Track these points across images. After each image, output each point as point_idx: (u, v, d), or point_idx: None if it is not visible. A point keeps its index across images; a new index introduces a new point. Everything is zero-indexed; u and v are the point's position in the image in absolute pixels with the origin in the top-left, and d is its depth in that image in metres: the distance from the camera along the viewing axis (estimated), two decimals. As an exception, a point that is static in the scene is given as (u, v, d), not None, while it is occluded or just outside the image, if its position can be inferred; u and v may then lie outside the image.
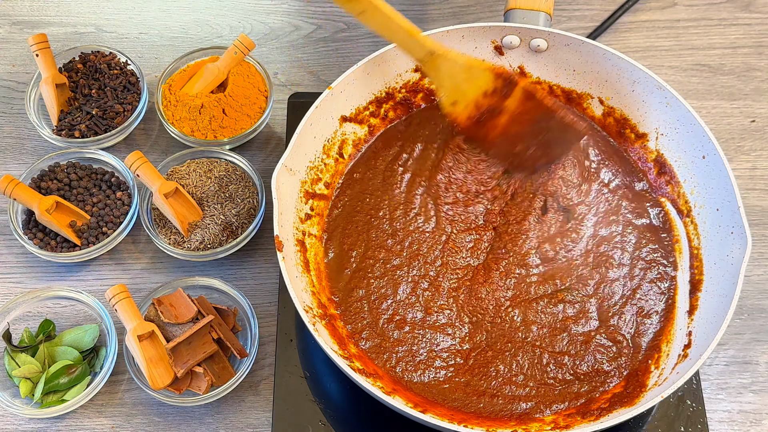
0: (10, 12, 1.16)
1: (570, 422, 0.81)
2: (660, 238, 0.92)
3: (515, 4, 0.98)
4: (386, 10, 0.84)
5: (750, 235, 0.81)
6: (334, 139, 0.95)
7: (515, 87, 0.86)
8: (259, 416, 0.89)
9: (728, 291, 0.81)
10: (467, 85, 0.87)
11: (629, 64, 0.93)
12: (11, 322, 0.90)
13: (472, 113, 0.89)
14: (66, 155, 1.00)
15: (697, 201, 0.90)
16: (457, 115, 0.90)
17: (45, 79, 1.02)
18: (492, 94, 0.87)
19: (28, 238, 0.95)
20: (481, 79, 0.87)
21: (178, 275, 0.96)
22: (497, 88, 0.87)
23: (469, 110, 0.89)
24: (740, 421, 0.89)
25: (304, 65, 1.13)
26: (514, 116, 0.88)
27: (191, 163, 0.99)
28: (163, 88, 1.03)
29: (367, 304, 0.88)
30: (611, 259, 0.90)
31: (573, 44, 0.96)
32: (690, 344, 0.83)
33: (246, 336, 0.90)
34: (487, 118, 0.88)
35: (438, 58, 0.87)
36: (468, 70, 0.86)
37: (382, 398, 0.75)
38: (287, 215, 0.87)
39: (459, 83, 0.87)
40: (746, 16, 1.16)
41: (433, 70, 0.88)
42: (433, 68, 0.88)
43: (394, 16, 0.84)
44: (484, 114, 0.88)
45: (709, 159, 0.89)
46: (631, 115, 0.97)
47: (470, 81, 0.87)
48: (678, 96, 0.91)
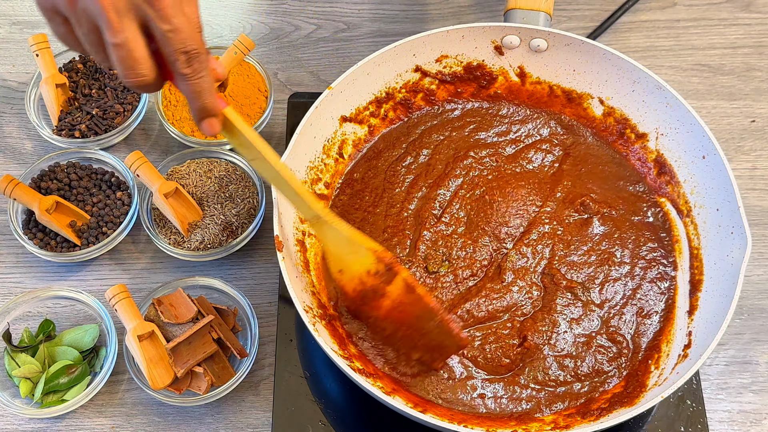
0: (10, 12, 1.16)
1: (570, 422, 0.81)
2: (660, 237, 0.92)
3: (515, 4, 0.98)
4: (275, 164, 0.77)
5: (750, 235, 0.81)
6: (334, 139, 0.95)
7: (395, 276, 0.80)
8: (259, 416, 0.88)
9: (728, 291, 0.81)
10: (351, 258, 0.82)
11: (629, 64, 0.93)
12: (11, 322, 0.90)
13: (357, 287, 0.83)
14: (66, 155, 1.00)
15: (697, 201, 0.90)
16: (343, 284, 0.85)
17: (45, 79, 1.02)
18: (375, 275, 0.81)
19: (28, 238, 0.95)
20: (364, 256, 0.81)
21: (178, 275, 0.96)
22: (379, 270, 0.81)
23: (354, 283, 0.83)
24: (740, 421, 0.89)
25: (304, 65, 1.13)
26: (395, 304, 0.82)
27: (191, 163, 0.99)
28: (163, 88, 1.03)
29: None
30: (613, 257, 0.90)
31: (573, 44, 0.96)
32: (690, 344, 0.83)
33: (246, 336, 0.90)
34: (371, 298, 0.83)
35: (324, 225, 0.81)
36: (351, 244, 0.81)
37: (382, 398, 0.75)
38: (287, 215, 0.87)
39: (343, 254, 0.82)
40: (746, 16, 1.16)
41: (320, 234, 0.83)
42: (319, 232, 0.83)
43: (283, 171, 0.78)
44: (368, 292, 0.83)
45: (709, 159, 0.89)
46: (631, 115, 0.97)
47: (354, 254, 0.82)
48: (678, 96, 0.91)
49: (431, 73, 0.99)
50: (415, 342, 0.82)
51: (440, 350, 0.83)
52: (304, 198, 0.79)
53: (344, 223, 0.81)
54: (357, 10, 1.18)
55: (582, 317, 0.87)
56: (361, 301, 0.84)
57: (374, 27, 1.16)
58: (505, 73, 1.00)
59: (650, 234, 0.92)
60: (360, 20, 1.16)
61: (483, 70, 1.00)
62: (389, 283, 0.81)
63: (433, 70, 0.99)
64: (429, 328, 0.81)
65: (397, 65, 0.97)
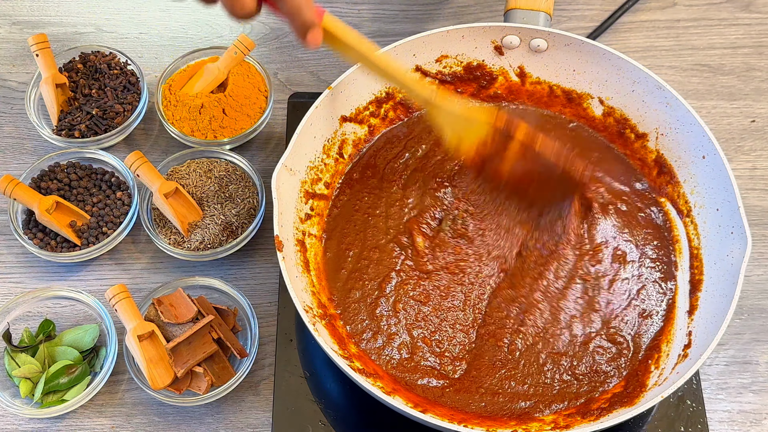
0: (10, 12, 1.16)
1: (570, 422, 0.81)
2: (660, 237, 0.92)
3: (515, 4, 0.98)
4: (380, 62, 0.84)
5: (750, 235, 0.81)
6: (334, 139, 0.95)
7: (512, 139, 0.85)
8: (259, 416, 0.88)
9: (728, 291, 0.81)
10: (467, 132, 0.86)
11: (629, 64, 0.93)
12: (11, 322, 0.90)
13: (476, 155, 0.88)
14: (66, 155, 1.00)
15: (697, 201, 0.90)
16: (463, 156, 0.89)
17: (45, 79, 1.02)
18: (492, 142, 0.86)
19: (28, 238, 0.95)
20: (479, 128, 0.86)
21: (178, 275, 0.96)
22: (496, 138, 0.86)
23: (473, 152, 0.88)
24: (740, 421, 0.89)
25: (304, 65, 1.13)
26: (517, 161, 0.87)
27: (191, 163, 0.99)
28: (163, 88, 1.03)
29: (364, 305, 0.88)
30: (625, 256, 0.90)
31: (573, 44, 0.96)
32: (690, 344, 0.83)
33: (246, 336, 0.90)
34: (493, 161, 0.88)
35: (436, 108, 0.86)
36: (465, 121, 0.86)
37: (382, 398, 0.75)
38: (287, 215, 0.87)
39: (459, 130, 0.87)
40: (746, 16, 1.16)
41: (433, 117, 0.87)
42: (432, 115, 0.87)
43: (389, 67, 0.84)
44: (487, 157, 0.87)
45: (709, 159, 0.89)
46: (631, 115, 0.97)
47: (470, 128, 0.86)
48: (678, 96, 0.91)
49: (431, 73, 0.99)
50: (541, 190, 0.88)
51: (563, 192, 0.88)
52: (414, 88, 0.85)
53: (456, 103, 0.85)
54: (357, 10, 1.17)
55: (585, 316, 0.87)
56: (483, 166, 0.88)
57: (374, 27, 1.16)
58: (505, 73, 1.00)
59: (650, 234, 0.92)
60: (360, 20, 1.16)
61: (483, 70, 1.00)
62: (507, 145, 0.85)
63: (433, 70, 0.99)
64: (552, 175, 0.86)
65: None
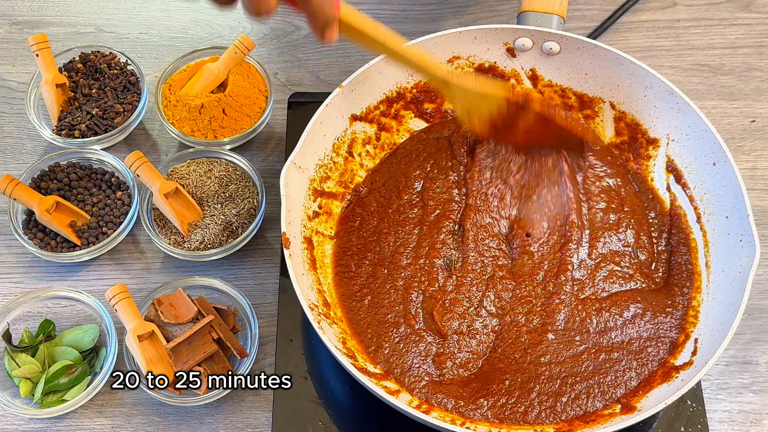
0: (10, 12, 1.16)
1: (572, 428, 0.80)
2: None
3: (529, 7, 0.98)
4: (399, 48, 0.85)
5: (759, 244, 0.81)
6: (344, 137, 0.95)
7: (526, 109, 0.86)
8: (259, 416, 0.88)
9: (735, 299, 0.80)
10: (483, 106, 0.88)
11: (642, 69, 0.93)
12: (11, 322, 0.90)
13: (489, 126, 0.89)
14: (66, 155, 1.00)
15: (707, 208, 0.90)
16: (475, 127, 0.90)
17: (45, 79, 1.02)
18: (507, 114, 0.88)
19: (28, 238, 0.95)
20: (494, 102, 0.87)
21: (178, 275, 0.95)
22: (511, 110, 0.87)
23: (487, 123, 0.89)
24: (740, 421, 0.89)
25: (304, 65, 1.13)
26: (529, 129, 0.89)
27: (191, 163, 0.99)
28: (163, 88, 1.03)
29: (370, 305, 0.88)
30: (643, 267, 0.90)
31: (585, 48, 0.95)
32: (696, 351, 0.82)
33: (246, 336, 0.90)
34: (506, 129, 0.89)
35: (451, 86, 0.87)
36: (481, 97, 0.87)
37: (385, 398, 0.75)
38: (295, 213, 0.87)
39: (474, 106, 0.88)
40: (746, 16, 1.16)
41: (449, 94, 0.89)
42: (448, 93, 0.89)
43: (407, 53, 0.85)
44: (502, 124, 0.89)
45: (719, 166, 0.88)
46: (643, 120, 0.96)
47: (485, 103, 0.87)
48: (690, 102, 0.90)
49: None
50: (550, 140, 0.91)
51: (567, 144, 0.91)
52: (431, 70, 0.87)
53: (471, 80, 0.86)
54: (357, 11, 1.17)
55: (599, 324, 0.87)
56: (495, 133, 0.90)
57: (374, 27, 1.16)
58: (517, 75, 1.00)
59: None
60: (360, 20, 1.16)
61: (495, 72, 1.00)
62: (520, 116, 0.87)
63: (444, 72, 0.99)
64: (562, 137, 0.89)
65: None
